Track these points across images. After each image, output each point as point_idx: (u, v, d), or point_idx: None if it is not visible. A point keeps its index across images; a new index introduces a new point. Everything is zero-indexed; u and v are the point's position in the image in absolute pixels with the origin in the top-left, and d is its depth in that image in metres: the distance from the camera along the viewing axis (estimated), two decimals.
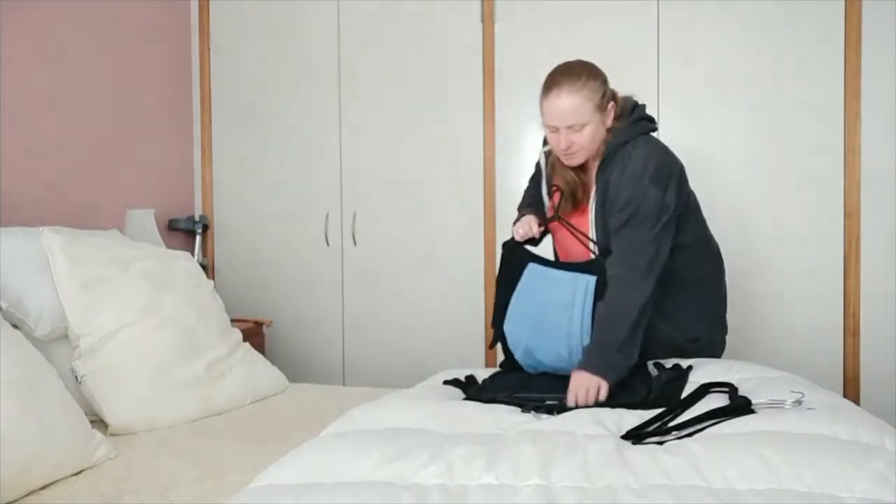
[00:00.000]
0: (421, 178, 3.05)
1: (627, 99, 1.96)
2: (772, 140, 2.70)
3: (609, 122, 1.90)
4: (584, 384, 1.68)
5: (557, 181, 2.00)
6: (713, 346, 2.04)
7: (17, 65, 2.45)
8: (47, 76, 2.57)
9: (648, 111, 1.98)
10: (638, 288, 1.77)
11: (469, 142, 2.98)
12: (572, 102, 1.83)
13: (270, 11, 3.21)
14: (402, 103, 3.06)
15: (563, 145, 1.87)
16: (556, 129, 1.87)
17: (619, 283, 1.79)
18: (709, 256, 2.05)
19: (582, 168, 1.97)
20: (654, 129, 1.97)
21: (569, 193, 1.98)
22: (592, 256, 1.91)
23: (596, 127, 1.86)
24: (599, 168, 1.91)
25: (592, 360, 1.72)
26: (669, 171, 1.88)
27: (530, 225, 1.99)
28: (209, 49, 3.31)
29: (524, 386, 1.79)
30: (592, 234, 1.93)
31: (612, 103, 1.90)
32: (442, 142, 3.02)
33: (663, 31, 2.76)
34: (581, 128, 1.84)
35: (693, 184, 2.01)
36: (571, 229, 1.95)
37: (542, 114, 1.89)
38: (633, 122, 1.91)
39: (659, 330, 1.87)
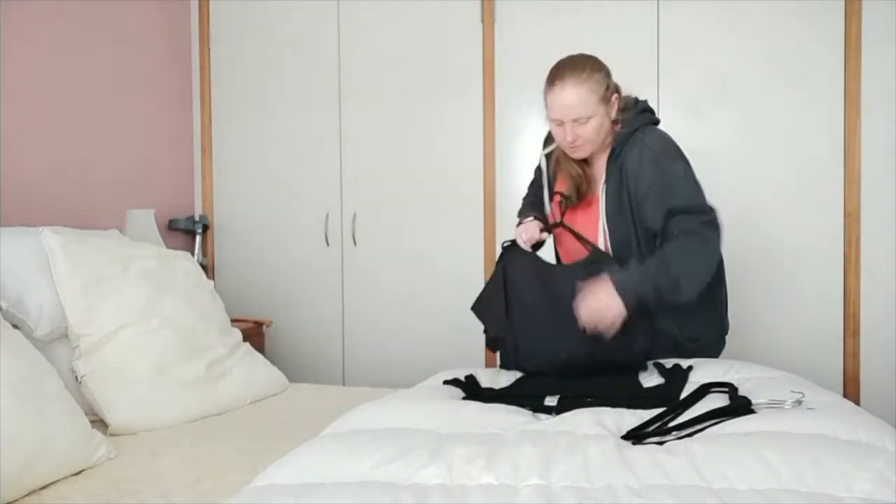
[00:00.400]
0: (421, 178, 3.05)
1: (629, 96, 1.96)
2: (771, 140, 2.70)
3: (613, 114, 1.90)
4: (606, 304, 1.69)
5: (562, 177, 2.00)
6: (712, 346, 2.04)
7: (18, 65, 2.45)
8: (47, 76, 2.58)
9: None
10: (700, 264, 1.79)
11: (469, 142, 2.98)
12: (577, 95, 1.82)
13: (270, 11, 3.21)
14: (402, 103, 3.06)
15: (568, 139, 1.87)
16: (561, 123, 1.86)
17: (693, 247, 1.78)
18: None
19: (586, 161, 1.97)
20: (658, 122, 1.99)
21: (573, 187, 1.97)
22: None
23: (601, 119, 1.86)
24: (611, 157, 1.91)
25: (628, 279, 1.72)
26: (683, 153, 1.91)
27: (533, 231, 1.98)
28: (209, 49, 3.31)
29: (522, 386, 1.78)
30: (603, 224, 1.92)
31: (616, 95, 1.90)
32: (442, 142, 3.02)
33: (663, 31, 2.76)
34: (586, 120, 1.84)
35: None
36: (576, 235, 1.94)
37: (547, 107, 1.88)
38: (639, 112, 1.94)
39: (659, 327, 1.87)
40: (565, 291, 1.79)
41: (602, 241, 1.93)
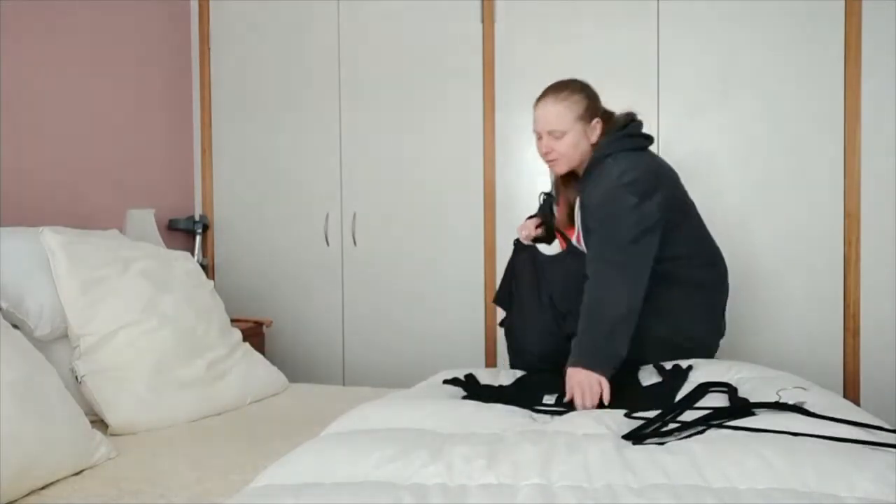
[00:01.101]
0: (421, 178, 3.05)
1: (626, 114, 1.99)
2: (772, 140, 2.70)
3: (594, 137, 1.96)
4: (583, 383, 1.68)
5: (561, 197, 2.12)
6: (707, 347, 2.04)
7: (18, 65, 2.45)
8: (47, 76, 2.57)
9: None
10: (617, 288, 1.78)
11: (469, 141, 2.98)
12: (555, 110, 1.94)
13: (270, 12, 3.21)
14: (401, 103, 3.06)
15: (542, 150, 1.98)
16: (540, 136, 1.98)
17: (599, 281, 1.80)
18: (706, 259, 2.05)
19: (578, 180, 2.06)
20: (644, 146, 1.99)
21: (569, 209, 2.07)
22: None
23: (576, 137, 1.94)
24: (582, 179, 1.98)
25: (584, 354, 1.72)
26: (647, 186, 1.87)
27: (529, 228, 2.13)
28: (209, 49, 3.31)
29: (522, 385, 1.79)
30: (579, 240, 2.02)
31: (597, 119, 1.96)
32: (442, 141, 3.02)
33: (663, 30, 2.76)
34: (561, 135, 1.94)
35: (692, 184, 2.01)
36: (557, 230, 2.10)
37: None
38: (619, 138, 1.95)
39: (653, 329, 1.87)
40: (551, 279, 1.98)
41: None
